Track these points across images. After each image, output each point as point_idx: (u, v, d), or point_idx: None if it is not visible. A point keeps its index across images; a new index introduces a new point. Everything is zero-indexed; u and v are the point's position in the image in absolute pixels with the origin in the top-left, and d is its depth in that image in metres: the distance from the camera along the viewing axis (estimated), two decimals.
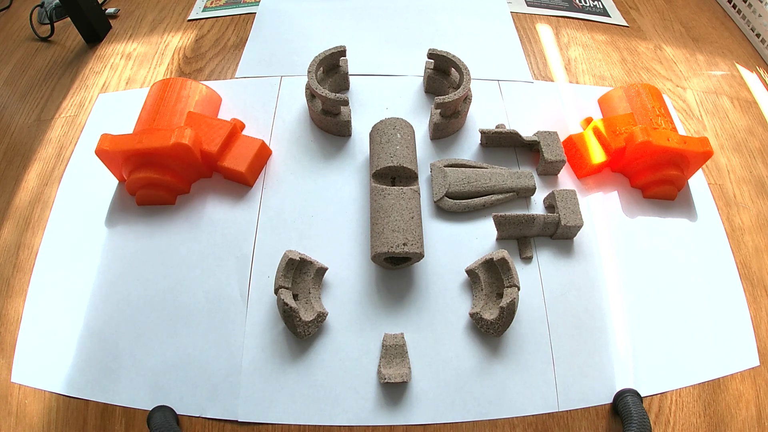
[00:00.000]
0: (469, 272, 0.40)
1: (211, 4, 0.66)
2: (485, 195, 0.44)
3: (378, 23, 0.61)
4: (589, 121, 0.50)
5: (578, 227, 0.41)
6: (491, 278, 0.39)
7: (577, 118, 0.52)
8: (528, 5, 0.67)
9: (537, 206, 0.45)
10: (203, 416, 0.35)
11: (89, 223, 0.44)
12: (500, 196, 0.44)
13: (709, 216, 0.47)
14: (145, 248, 0.42)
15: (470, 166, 0.46)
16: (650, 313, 0.41)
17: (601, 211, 0.46)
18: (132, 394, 0.36)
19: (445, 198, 0.43)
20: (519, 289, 0.38)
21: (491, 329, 0.37)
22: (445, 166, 0.45)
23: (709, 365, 0.39)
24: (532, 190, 0.44)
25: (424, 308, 0.39)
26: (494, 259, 0.38)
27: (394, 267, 0.40)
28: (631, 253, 0.44)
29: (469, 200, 0.44)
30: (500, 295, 0.38)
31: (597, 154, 0.46)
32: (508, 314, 0.36)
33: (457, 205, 0.43)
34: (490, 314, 0.37)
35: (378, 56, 0.57)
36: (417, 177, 0.42)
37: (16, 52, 0.64)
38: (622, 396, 0.36)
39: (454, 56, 0.48)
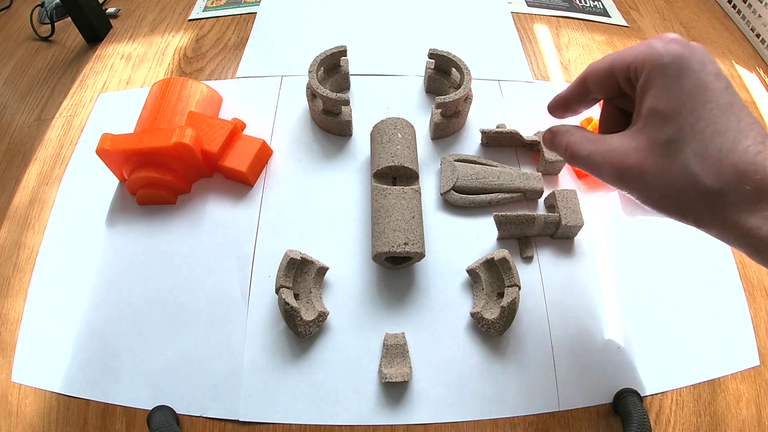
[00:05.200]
0: (470, 272, 0.40)
1: (212, 3, 0.66)
2: (492, 192, 0.44)
3: (378, 23, 0.61)
4: (589, 121, 0.50)
5: (579, 227, 0.41)
6: (492, 278, 0.39)
7: (577, 118, 0.52)
8: (528, 5, 0.67)
9: (538, 206, 0.45)
10: (204, 416, 0.35)
11: (89, 223, 0.44)
12: (506, 195, 0.44)
13: None
14: (146, 248, 0.42)
15: (480, 163, 0.46)
16: (650, 313, 0.41)
17: (602, 211, 0.46)
18: (132, 394, 0.36)
19: (452, 191, 0.43)
20: (520, 289, 0.38)
21: (492, 329, 0.37)
22: (455, 161, 0.45)
23: (709, 365, 0.39)
24: (540, 192, 0.44)
25: (425, 308, 0.39)
26: (495, 259, 0.38)
27: (395, 266, 0.40)
28: (631, 252, 0.44)
29: (475, 196, 0.44)
30: (501, 295, 0.38)
31: None
32: (509, 314, 0.36)
33: (462, 200, 0.43)
34: (490, 314, 0.37)
35: (379, 56, 0.57)
36: (418, 177, 0.42)
37: (16, 51, 0.63)
38: (622, 396, 0.36)
39: (454, 56, 0.48)
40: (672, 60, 0.22)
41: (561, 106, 0.30)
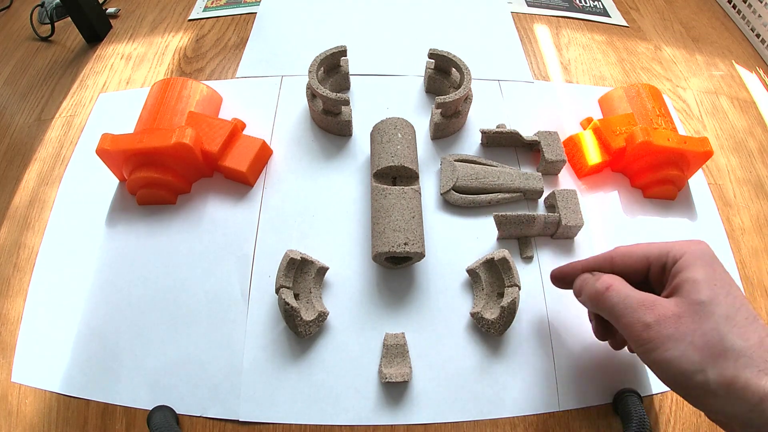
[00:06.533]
0: (470, 272, 0.40)
1: (212, 3, 0.66)
2: (492, 192, 0.44)
3: (378, 23, 0.61)
4: (589, 121, 0.50)
5: (579, 227, 0.41)
6: (492, 278, 0.39)
7: (577, 118, 0.52)
8: (528, 5, 0.67)
9: (538, 206, 0.45)
10: (204, 416, 0.35)
11: (89, 223, 0.44)
12: (506, 195, 0.44)
13: (709, 216, 0.47)
14: (146, 248, 0.42)
15: (481, 163, 0.46)
16: None
17: (602, 210, 0.46)
18: (132, 394, 0.36)
19: (452, 191, 0.43)
20: (520, 289, 0.38)
21: (492, 329, 0.37)
22: (455, 161, 0.45)
23: None
24: (540, 193, 0.44)
25: (425, 308, 0.39)
26: (495, 259, 0.38)
27: (395, 266, 0.40)
28: None
29: (475, 196, 0.44)
30: (501, 295, 0.38)
31: (597, 154, 0.46)
32: (509, 314, 0.36)
33: (462, 200, 0.43)
34: (491, 314, 0.37)
35: (379, 56, 0.57)
36: (418, 177, 0.42)
37: (16, 52, 0.63)
38: (622, 396, 0.36)
39: (454, 56, 0.48)
40: (707, 252, 0.30)
41: (576, 274, 0.34)
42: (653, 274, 0.31)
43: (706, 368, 0.25)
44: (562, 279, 0.36)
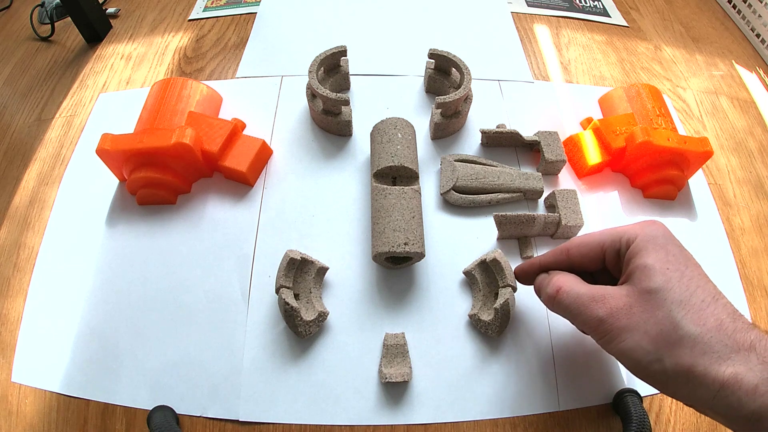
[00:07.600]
0: (467, 273, 0.40)
1: (212, 3, 0.66)
2: (492, 192, 0.44)
3: (378, 23, 0.61)
4: (589, 121, 0.50)
5: (579, 227, 0.41)
6: (488, 279, 0.39)
7: (577, 118, 0.52)
8: (528, 5, 0.67)
9: (538, 206, 0.45)
10: (204, 416, 0.35)
11: (89, 223, 0.44)
12: (506, 195, 0.44)
13: (709, 216, 0.47)
14: (146, 248, 0.42)
15: (481, 163, 0.46)
16: None
17: (602, 211, 0.46)
18: (133, 394, 0.36)
19: (452, 191, 0.43)
20: (515, 290, 0.37)
21: (489, 330, 0.37)
22: (455, 161, 0.45)
23: None
24: (540, 193, 0.44)
25: (425, 307, 0.39)
26: (487, 260, 0.38)
27: (395, 266, 0.40)
28: None
29: (475, 196, 0.44)
30: (497, 296, 0.38)
31: (597, 154, 0.46)
32: (503, 315, 0.36)
33: (462, 200, 0.43)
34: (487, 315, 0.37)
35: (378, 56, 0.57)
36: (418, 177, 0.42)
37: (16, 51, 0.64)
38: (622, 396, 0.36)
39: (455, 56, 0.48)
40: (660, 233, 0.28)
41: (535, 271, 0.34)
42: (609, 261, 0.30)
43: (662, 357, 0.25)
44: (523, 277, 0.36)
